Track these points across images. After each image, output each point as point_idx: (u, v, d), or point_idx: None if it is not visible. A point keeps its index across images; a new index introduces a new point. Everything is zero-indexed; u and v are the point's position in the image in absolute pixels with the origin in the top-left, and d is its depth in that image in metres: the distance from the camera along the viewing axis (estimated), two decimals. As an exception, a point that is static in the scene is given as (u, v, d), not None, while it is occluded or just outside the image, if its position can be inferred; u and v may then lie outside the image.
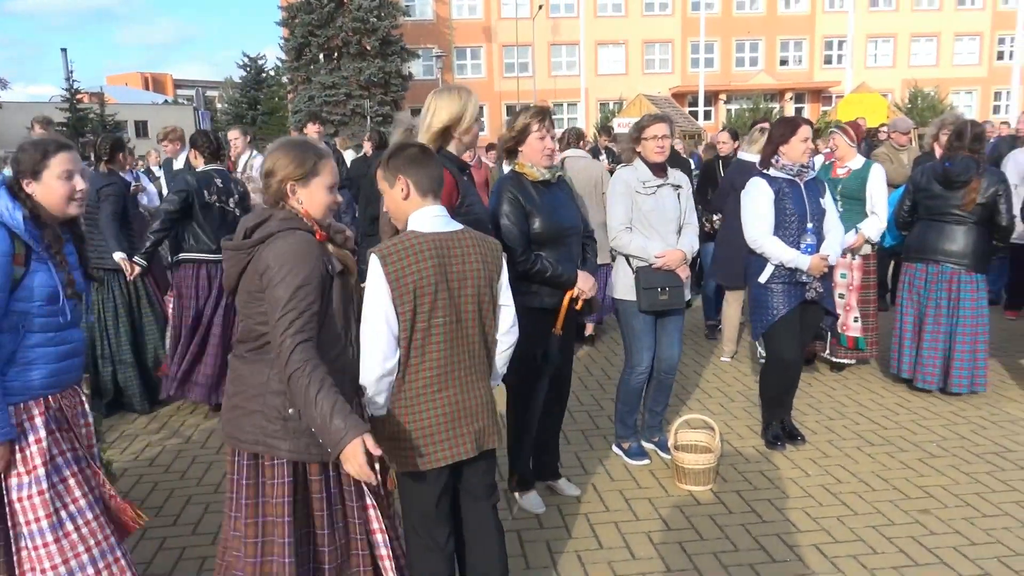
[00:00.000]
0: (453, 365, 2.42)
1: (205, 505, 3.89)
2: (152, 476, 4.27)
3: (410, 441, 2.40)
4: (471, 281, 2.42)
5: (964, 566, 3.19)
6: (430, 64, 36.42)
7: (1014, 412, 4.92)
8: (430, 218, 2.42)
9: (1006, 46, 38.71)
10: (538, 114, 3.47)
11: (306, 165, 2.28)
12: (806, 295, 4.19)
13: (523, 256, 3.40)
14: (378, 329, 2.32)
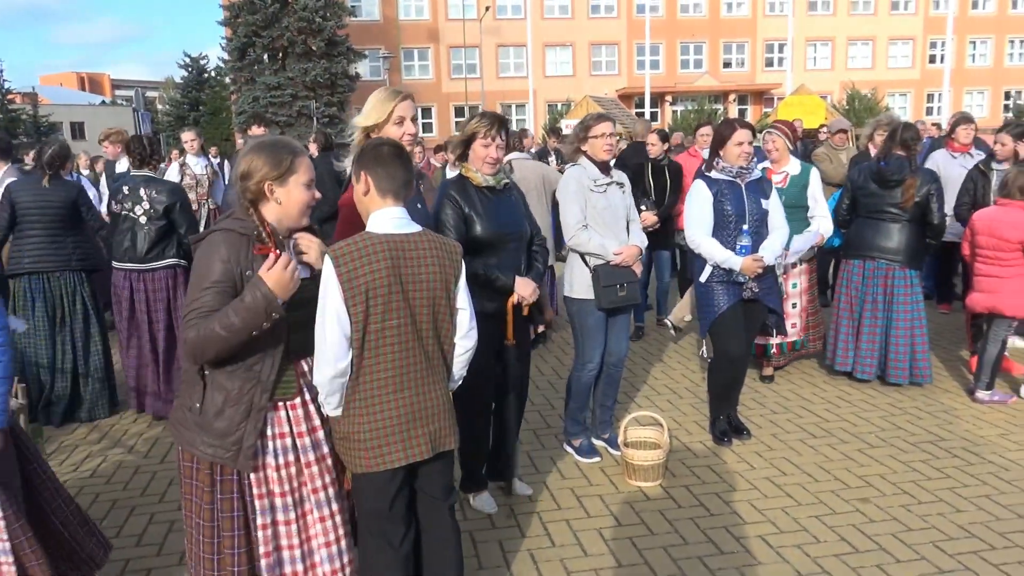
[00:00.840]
0: (408, 367, 2.43)
1: (150, 515, 3.80)
2: (94, 488, 4.15)
3: (365, 442, 2.40)
4: (426, 284, 2.43)
5: (901, 551, 3.31)
6: (377, 65, 36.14)
7: (948, 402, 5.11)
8: (388, 219, 2.43)
9: (937, 50, 40.17)
10: (488, 122, 3.46)
11: (283, 165, 2.33)
12: (743, 295, 4.30)
13: None
14: (330, 329, 2.32)
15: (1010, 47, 43.18)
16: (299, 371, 2.43)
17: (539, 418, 5.00)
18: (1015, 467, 4.11)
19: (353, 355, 2.35)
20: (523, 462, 4.28)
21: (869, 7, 41.81)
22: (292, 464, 2.40)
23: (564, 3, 39.87)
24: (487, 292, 3.49)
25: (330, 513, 2.46)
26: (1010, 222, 4.86)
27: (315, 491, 2.44)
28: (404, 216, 2.46)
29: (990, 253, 4.99)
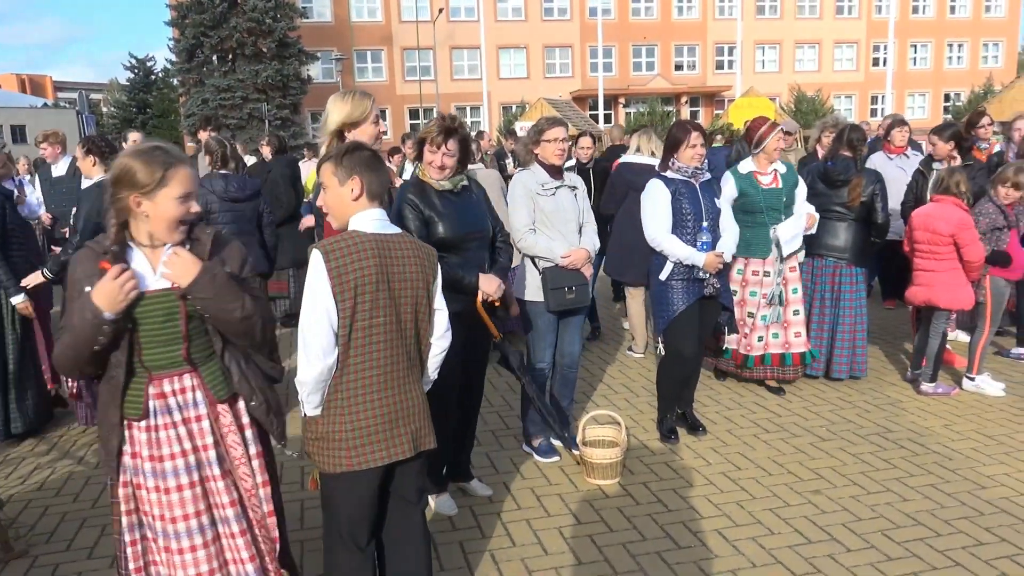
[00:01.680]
0: (393, 365, 2.44)
1: (101, 527, 3.71)
2: (43, 500, 4.04)
3: (347, 440, 2.39)
4: (410, 283, 2.45)
5: (852, 540, 3.40)
6: (330, 67, 35.80)
7: (894, 395, 5.27)
8: (371, 220, 2.43)
9: (880, 53, 41.33)
10: (436, 130, 3.43)
11: (153, 176, 2.17)
12: (704, 291, 4.37)
13: None
14: (320, 324, 2.31)
15: (949, 51, 44.66)
16: (158, 391, 2.30)
17: (498, 419, 5.01)
18: (958, 456, 4.26)
19: (339, 352, 2.35)
20: (483, 463, 4.30)
21: (815, 11, 42.85)
22: (161, 489, 2.29)
23: (517, 5, 40.02)
24: (451, 292, 3.50)
25: (241, 530, 2.36)
26: (943, 217, 5.06)
27: (219, 506, 2.35)
28: (385, 218, 2.48)
29: (926, 248, 5.18)
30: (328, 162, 2.45)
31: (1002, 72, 42.98)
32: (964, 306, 5.18)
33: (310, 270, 2.32)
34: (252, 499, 2.40)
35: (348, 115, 3.16)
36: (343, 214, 2.45)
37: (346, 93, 3.22)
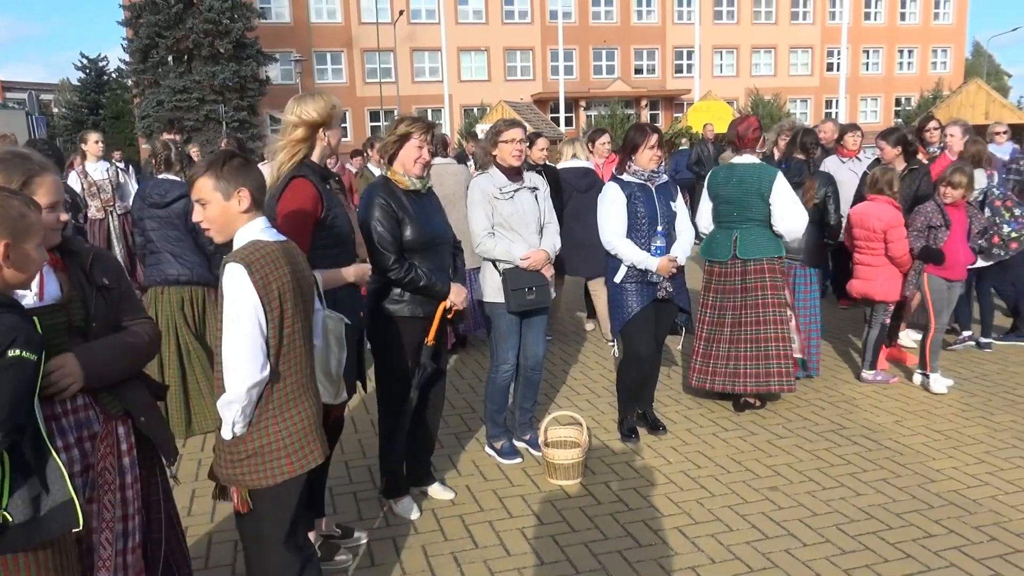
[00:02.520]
0: (310, 367, 2.47)
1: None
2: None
3: (285, 448, 2.34)
4: (309, 287, 2.49)
5: (807, 535, 3.48)
6: (289, 68, 35.41)
7: (848, 392, 5.39)
8: (261, 229, 2.36)
9: (835, 58, 42.23)
10: (423, 126, 3.47)
11: (11, 185, 2.02)
12: (657, 294, 4.43)
13: (396, 264, 3.40)
14: (254, 338, 2.23)
15: (900, 56, 45.82)
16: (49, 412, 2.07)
17: (460, 422, 5.02)
18: (909, 451, 4.37)
19: (270, 362, 2.30)
20: (445, 466, 4.30)
21: (771, 17, 43.64)
22: None
23: (478, 8, 40.06)
24: (420, 297, 3.50)
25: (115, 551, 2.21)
26: (876, 214, 5.30)
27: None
28: (270, 224, 2.43)
29: (863, 244, 5.42)
30: (204, 177, 2.31)
31: (950, 77, 44.21)
32: (896, 298, 5.45)
33: (233, 285, 2.22)
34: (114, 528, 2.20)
35: (325, 113, 3.09)
36: (231, 228, 2.36)
37: (310, 94, 3.17)
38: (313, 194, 2.97)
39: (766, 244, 4.77)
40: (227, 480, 2.38)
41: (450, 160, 6.73)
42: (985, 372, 5.72)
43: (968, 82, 23.23)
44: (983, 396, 5.23)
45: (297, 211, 2.94)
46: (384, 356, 3.60)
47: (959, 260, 5.33)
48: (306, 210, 2.95)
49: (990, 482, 3.96)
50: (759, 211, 4.71)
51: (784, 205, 4.67)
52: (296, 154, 3.03)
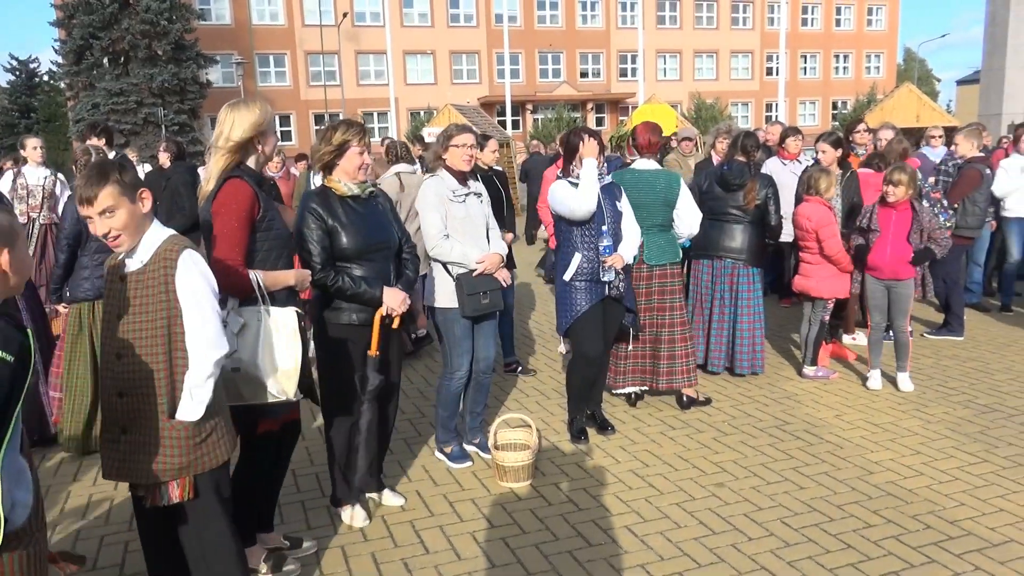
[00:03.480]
0: None
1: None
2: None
3: (227, 423, 2.57)
4: None
5: (753, 529, 3.55)
6: (231, 71, 34.78)
7: (790, 389, 5.52)
8: (167, 230, 2.52)
9: (773, 63, 43.29)
10: (359, 131, 3.44)
11: None
12: (608, 292, 4.47)
13: (322, 273, 3.36)
14: (218, 314, 2.47)
15: (836, 61, 47.22)
16: None
17: (410, 427, 4.98)
18: (848, 444, 4.50)
19: None
20: (395, 472, 4.26)
21: (712, 22, 44.53)
22: None
23: (423, 11, 39.94)
24: (356, 304, 3.46)
25: None
26: (807, 214, 5.49)
27: None
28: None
29: (802, 243, 5.63)
30: (109, 186, 2.34)
31: (883, 82, 45.78)
32: (837, 295, 5.63)
33: (196, 269, 2.42)
34: None
35: (259, 123, 3.05)
36: (140, 231, 2.45)
37: (243, 101, 3.11)
38: (249, 194, 2.94)
39: (669, 250, 5.01)
40: (178, 472, 2.44)
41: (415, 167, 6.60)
42: (920, 366, 5.92)
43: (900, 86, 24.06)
44: (918, 390, 5.41)
45: (233, 211, 2.90)
46: (329, 364, 3.56)
47: (885, 261, 5.38)
48: (242, 210, 2.91)
49: (925, 472, 4.11)
50: (663, 217, 4.93)
51: (688, 208, 4.94)
52: (230, 162, 2.99)
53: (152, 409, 2.41)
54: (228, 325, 2.82)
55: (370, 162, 3.49)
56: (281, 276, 3.04)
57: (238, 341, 2.83)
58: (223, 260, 2.86)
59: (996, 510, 3.67)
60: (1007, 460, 4.22)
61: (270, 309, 2.88)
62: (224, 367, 2.78)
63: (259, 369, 2.82)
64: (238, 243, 2.90)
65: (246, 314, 2.87)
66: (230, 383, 2.81)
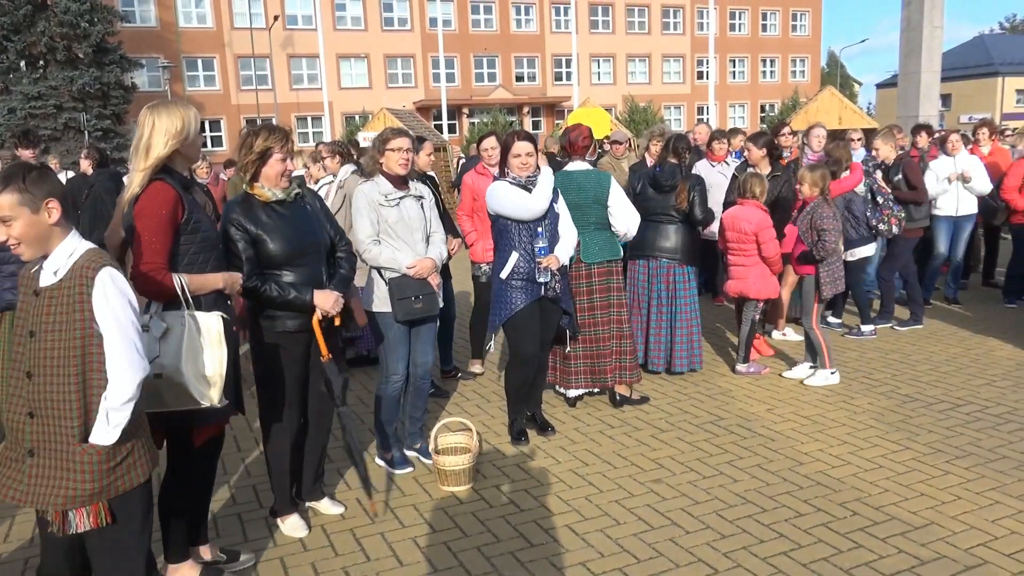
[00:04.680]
0: None
1: None
2: None
3: (147, 440, 2.49)
4: None
5: (690, 523, 3.63)
6: (157, 75, 33.79)
7: (724, 385, 5.67)
8: (80, 239, 2.38)
9: (704, 67, 44.29)
10: (281, 137, 3.37)
11: None
12: (544, 292, 4.51)
13: (251, 283, 3.30)
14: (139, 334, 2.35)
15: (763, 65, 48.59)
16: None
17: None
18: (780, 437, 4.64)
19: None
20: (334, 480, 4.21)
21: (644, 27, 45.30)
22: None
23: (357, 14, 39.53)
24: (288, 311, 3.41)
25: None
26: (746, 217, 5.64)
27: None
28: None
29: (735, 246, 5.76)
30: (6, 192, 2.23)
31: (808, 85, 47.32)
32: (771, 295, 5.81)
33: (115, 287, 2.28)
34: None
35: (185, 129, 2.98)
36: (45, 242, 2.31)
37: (164, 105, 3.01)
38: (172, 197, 2.87)
39: (607, 247, 5.05)
40: (88, 499, 2.30)
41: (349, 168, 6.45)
42: (846, 359, 6.14)
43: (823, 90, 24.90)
44: (844, 382, 5.61)
45: (155, 213, 2.84)
46: (265, 372, 3.50)
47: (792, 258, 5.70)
48: (164, 212, 2.85)
49: (851, 461, 4.26)
50: (597, 215, 4.98)
51: (621, 207, 4.99)
52: (154, 166, 2.91)
53: (64, 432, 2.28)
54: (150, 330, 2.74)
55: (292, 168, 3.43)
56: (209, 279, 2.98)
57: (160, 346, 2.75)
58: (145, 264, 2.81)
59: (918, 495, 3.84)
60: (927, 447, 4.42)
61: (195, 314, 2.81)
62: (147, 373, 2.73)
63: (182, 375, 2.73)
64: (160, 246, 2.84)
65: (169, 319, 2.80)
66: (152, 389, 2.72)
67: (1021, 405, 5.02)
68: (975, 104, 49.72)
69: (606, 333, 5.11)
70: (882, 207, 6.58)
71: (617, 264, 5.13)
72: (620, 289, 5.15)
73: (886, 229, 6.54)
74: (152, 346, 2.74)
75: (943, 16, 16.57)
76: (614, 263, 5.10)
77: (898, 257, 7.00)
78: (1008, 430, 4.62)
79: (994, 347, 6.36)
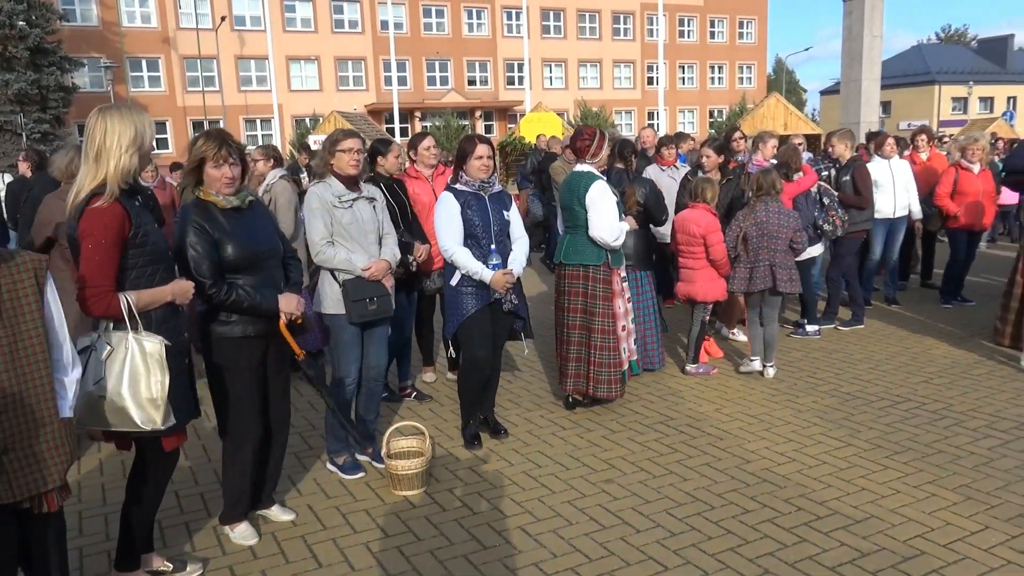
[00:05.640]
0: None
1: None
2: None
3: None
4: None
5: (640, 522, 3.69)
6: (99, 75, 32.92)
7: (674, 386, 5.76)
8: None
9: (654, 73, 44.90)
10: (216, 143, 3.29)
11: None
12: (503, 307, 4.55)
13: (214, 288, 3.25)
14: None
15: (711, 72, 49.47)
16: None
17: (300, 440, 4.88)
18: (728, 436, 4.74)
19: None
20: (285, 486, 4.16)
21: (595, 32, 45.76)
22: None
23: (306, 16, 39.11)
24: (251, 315, 3.37)
25: None
26: (696, 220, 5.75)
27: None
28: None
29: (685, 248, 5.86)
30: None
31: (754, 92, 48.31)
32: (718, 297, 5.93)
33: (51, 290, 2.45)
34: None
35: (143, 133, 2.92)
36: None
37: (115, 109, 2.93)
38: (118, 214, 2.80)
39: (583, 251, 4.91)
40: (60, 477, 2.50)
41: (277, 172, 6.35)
42: (790, 359, 6.30)
43: (769, 96, 25.47)
44: (789, 381, 5.76)
45: (101, 233, 2.77)
46: (219, 380, 3.44)
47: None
48: (111, 232, 2.78)
49: (796, 458, 4.38)
50: (580, 217, 4.91)
51: (592, 211, 4.81)
52: (99, 174, 2.84)
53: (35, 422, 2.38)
54: (96, 351, 2.75)
55: (234, 175, 3.35)
56: (158, 293, 2.94)
57: (105, 368, 2.76)
58: (91, 287, 2.76)
59: (859, 489, 3.96)
60: (868, 443, 4.56)
61: (138, 337, 2.80)
62: (92, 393, 2.74)
63: (124, 399, 2.75)
64: (108, 267, 2.79)
65: (114, 340, 2.80)
66: (97, 409, 2.74)
67: (956, 401, 5.22)
68: (914, 111, 51.43)
69: (579, 338, 5.01)
70: (828, 208, 6.78)
71: (593, 271, 4.91)
72: (592, 297, 4.92)
73: (831, 230, 6.74)
74: (98, 367, 2.76)
75: (882, 26, 17.12)
76: (588, 269, 4.90)
77: (843, 258, 7.23)
78: (944, 425, 4.79)
79: (931, 346, 6.59)
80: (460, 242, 4.44)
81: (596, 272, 4.92)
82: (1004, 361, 6.06)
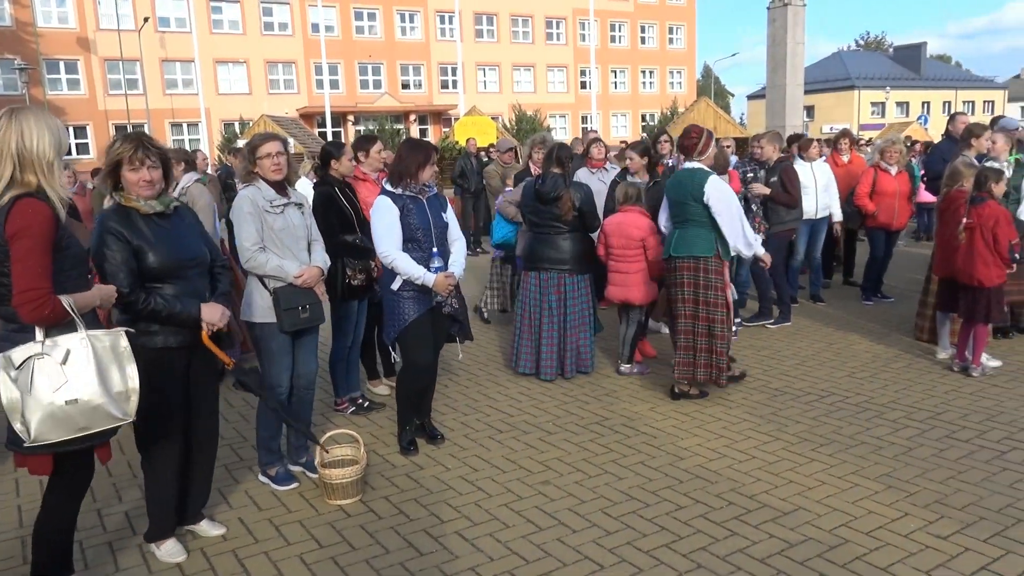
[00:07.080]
0: None
1: None
2: None
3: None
4: None
5: (576, 522, 3.71)
6: (13, 77, 31.53)
7: (609, 386, 5.82)
8: None
9: (587, 77, 45.44)
10: (132, 146, 3.18)
11: None
12: (443, 311, 4.52)
13: (132, 296, 3.14)
14: None
15: (643, 77, 50.35)
16: None
17: (230, 452, 4.75)
18: (661, 434, 4.82)
19: None
20: (214, 500, 4.05)
21: (528, 36, 46.06)
22: None
23: (234, 18, 38.26)
24: (172, 325, 3.26)
25: None
26: (635, 224, 5.82)
27: None
28: None
29: (619, 252, 5.90)
30: None
31: (684, 96, 49.41)
32: (654, 298, 6.02)
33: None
34: None
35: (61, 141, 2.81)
36: None
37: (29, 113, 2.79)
38: (49, 215, 2.70)
39: (693, 243, 5.18)
40: None
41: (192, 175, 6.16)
42: (721, 357, 6.44)
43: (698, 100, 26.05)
44: (720, 378, 5.88)
45: (35, 233, 2.65)
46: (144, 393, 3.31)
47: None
48: (44, 232, 2.67)
49: (727, 454, 4.48)
50: (693, 212, 5.15)
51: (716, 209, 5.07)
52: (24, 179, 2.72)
53: None
54: (48, 356, 2.64)
55: (152, 177, 3.24)
56: (88, 297, 2.84)
57: (66, 371, 2.66)
58: (30, 290, 2.63)
59: (787, 482, 4.07)
60: (795, 436, 4.70)
61: (96, 333, 2.72)
62: (52, 402, 2.63)
63: (102, 396, 2.69)
64: (45, 269, 2.67)
65: (64, 342, 2.69)
66: (65, 417, 2.64)
67: (877, 394, 5.42)
68: (835, 115, 53.41)
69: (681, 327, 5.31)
70: (755, 214, 6.97)
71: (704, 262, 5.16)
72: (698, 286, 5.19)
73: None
74: (55, 373, 2.64)
75: (804, 33, 17.72)
76: (699, 260, 5.17)
77: (772, 255, 7.41)
78: (865, 417, 4.98)
79: (853, 341, 6.83)
80: (399, 247, 4.39)
81: (708, 263, 5.17)
82: (921, 355, 6.33)
